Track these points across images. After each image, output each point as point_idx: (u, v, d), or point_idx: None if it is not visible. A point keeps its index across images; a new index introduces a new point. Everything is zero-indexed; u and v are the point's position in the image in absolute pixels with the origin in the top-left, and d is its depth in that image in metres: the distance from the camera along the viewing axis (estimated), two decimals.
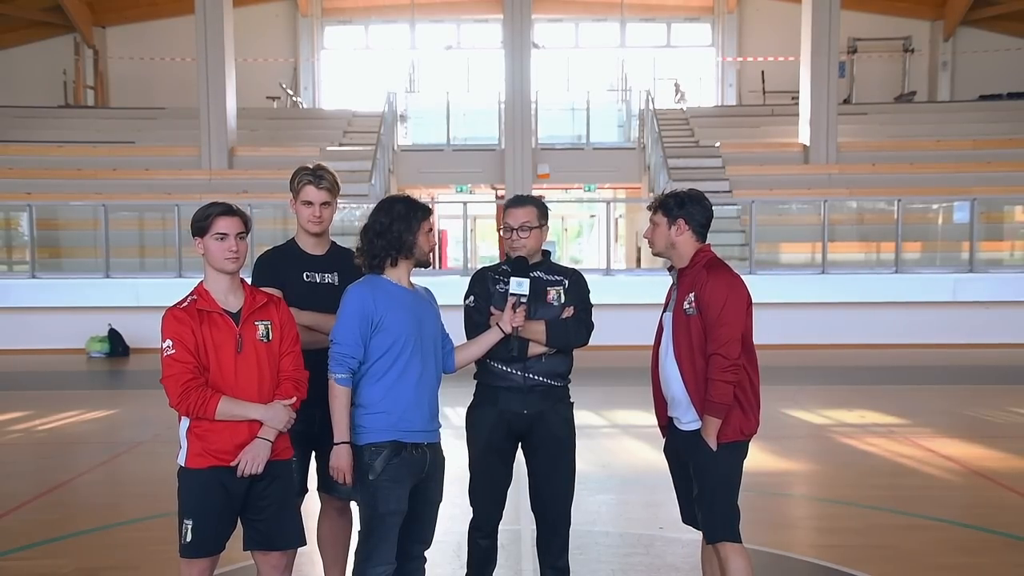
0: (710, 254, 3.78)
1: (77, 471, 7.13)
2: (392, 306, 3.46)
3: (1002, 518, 5.71)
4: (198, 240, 3.39)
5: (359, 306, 3.44)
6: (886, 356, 13.64)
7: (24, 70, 23.16)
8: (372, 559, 3.44)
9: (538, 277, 3.90)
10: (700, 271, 3.72)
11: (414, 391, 3.48)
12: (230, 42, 18.16)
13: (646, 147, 19.21)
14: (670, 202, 3.78)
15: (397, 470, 3.43)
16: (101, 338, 14.25)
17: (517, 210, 3.91)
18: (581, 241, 28.33)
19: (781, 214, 16.90)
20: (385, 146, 18.56)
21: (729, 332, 3.61)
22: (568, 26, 25.62)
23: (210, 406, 3.26)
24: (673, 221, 3.75)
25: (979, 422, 9.10)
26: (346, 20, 25.52)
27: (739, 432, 3.69)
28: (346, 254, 4.08)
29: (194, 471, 3.33)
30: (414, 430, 3.48)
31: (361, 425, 3.47)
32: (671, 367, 3.73)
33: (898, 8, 23.83)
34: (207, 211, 3.38)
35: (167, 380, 3.28)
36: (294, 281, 3.82)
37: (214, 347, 3.31)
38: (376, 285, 3.50)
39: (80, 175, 17.70)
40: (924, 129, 19.49)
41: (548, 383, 3.86)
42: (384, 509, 3.41)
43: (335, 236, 4.22)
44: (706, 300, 3.63)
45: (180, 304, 3.37)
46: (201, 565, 3.38)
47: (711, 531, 3.69)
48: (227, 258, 3.34)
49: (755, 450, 3.95)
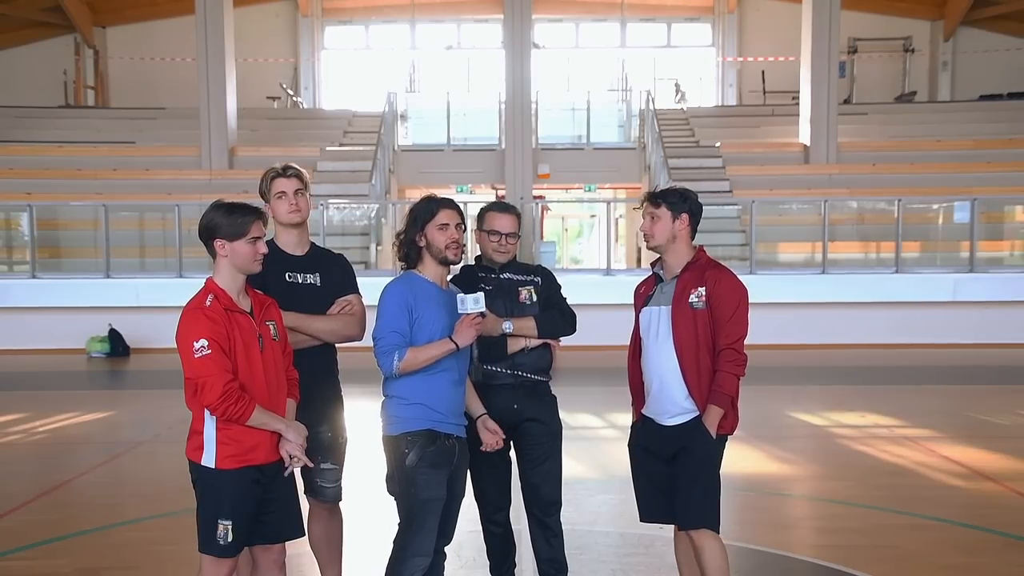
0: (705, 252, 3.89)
1: (77, 471, 7.12)
2: (427, 302, 3.57)
3: (1002, 518, 5.70)
4: (222, 242, 3.38)
5: (399, 298, 3.55)
6: (886, 356, 13.64)
7: (24, 70, 23.16)
8: (410, 548, 3.50)
9: (509, 278, 4.05)
10: (708, 267, 3.79)
11: (448, 385, 3.59)
12: (230, 42, 18.15)
13: (646, 147, 19.20)
14: (674, 196, 3.83)
15: (434, 457, 3.53)
16: (101, 338, 14.25)
17: (505, 217, 4.02)
18: (581, 241, 28.32)
19: (781, 214, 16.90)
20: (385, 146, 18.55)
21: (742, 329, 3.74)
22: (568, 26, 25.62)
23: (247, 412, 3.29)
24: (677, 215, 3.80)
25: (979, 422, 9.10)
26: (346, 20, 25.51)
27: (731, 426, 3.81)
28: (327, 255, 4.10)
29: (227, 472, 3.33)
30: (447, 421, 3.58)
31: (396, 415, 3.57)
32: (668, 360, 3.74)
33: (898, 8, 23.83)
34: (241, 216, 3.38)
35: (207, 380, 3.25)
36: (275, 281, 3.78)
37: (244, 347, 3.34)
38: (412, 281, 3.62)
39: (80, 175, 17.71)
40: (924, 129, 19.49)
41: (535, 379, 4.03)
42: (426, 495, 3.49)
43: (335, 236, 4.23)
44: (721, 295, 3.72)
45: (201, 302, 3.35)
46: (231, 564, 3.41)
47: (697, 517, 3.72)
48: (257, 260, 3.41)
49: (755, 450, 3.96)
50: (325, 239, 13.25)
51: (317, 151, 18.55)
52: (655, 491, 3.86)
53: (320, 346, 3.89)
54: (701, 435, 3.69)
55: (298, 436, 3.42)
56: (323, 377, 3.95)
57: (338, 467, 3.99)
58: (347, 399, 4.09)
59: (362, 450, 4.55)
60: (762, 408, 9.74)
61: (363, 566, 4.57)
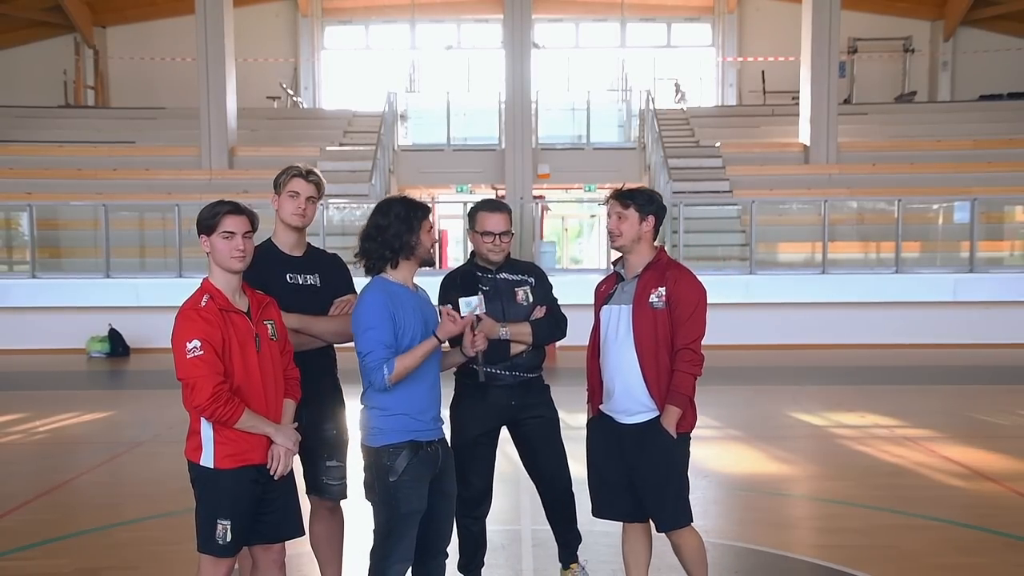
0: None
1: (77, 471, 7.13)
2: (403, 308, 3.50)
3: (1002, 518, 5.70)
4: (204, 238, 3.39)
5: (382, 310, 3.45)
6: (886, 356, 13.64)
7: (24, 70, 23.16)
8: (391, 557, 3.50)
9: (504, 278, 4.11)
10: (668, 267, 3.85)
11: (427, 391, 3.56)
12: (230, 42, 18.15)
13: (646, 147, 19.20)
14: (642, 197, 3.88)
15: (417, 469, 3.50)
16: (101, 338, 14.25)
17: (496, 216, 4.08)
18: (581, 241, 28.30)
19: (781, 214, 16.89)
20: (385, 146, 18.56)
21: (700, 329, 3.77)
22: (568, 26, 25.61)
23: (236, 415, 3.28)
24: (644, 216, 3.85)
25: (979, 422, 9.10)
26: (346, 20, 25.51)
27: (690, 424, 3.84)
28: (324, 256, 4.10)
29: (225, 472, 3.32)
30: (428, 428, 3.55)
31: (377, 427, 3.51)
32: (628, 359, 3.77)
33: (898, 8, 23.82)
34: (215, 209, 3.38)
35: (197, 381, 3.25)
36: (277, 283, 3.78)
37: (239, 347, 3.33)
38: (386, 288, 3.53)
39: (80, 175, 17.71)
40: (924, 129, 19.49)
41: (530, 377, 4.16)
42: (407, 509, 3.47)
43: (335, 235, 4.25)
44: (681, 295, 3.75)
45: (196, 303, 3.35)
46: (230, 563, 3.41)
47: (673, 519, 3.80)
48: (234, 257, 3.36)
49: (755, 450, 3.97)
50: (325, 239, 13.24)
51: (317, 151, 18.55)
52: (610, 489, 3.91)
53: (319, 349, 3.88)
54: (661, 435, 3.74)
55: (287, 440, 3.39)
56: (324, 376, 3.96)
57: (343, 464, 3.99)
58: (346, 399, 4.09)
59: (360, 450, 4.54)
60: (762, 408, 9.75)
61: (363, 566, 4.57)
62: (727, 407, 9.48)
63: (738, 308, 14.12)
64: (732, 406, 9.65)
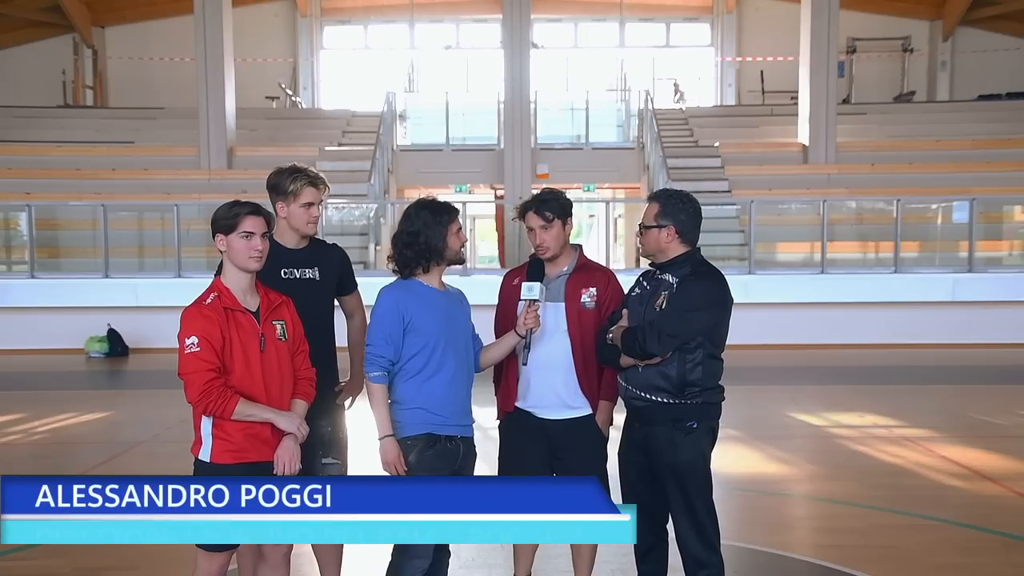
0: None
1: (77, 471, 7.11)
2: (423, 307, 3.59)
3: (1001, 518, 5.71)
4: (221, 237, 3.41)
5: (390, 308, 3.58)
6: (885, 356, 13.63)
7: (23, 70, 23.14)
8: (409, 551, 3.52)
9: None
10: (595, 268, 4.02)
11: (447, 388, 3.61)
12: (229, 42, 18.14)
13: (645, 147, 19.20)
14: (556, 205, 3.92)
15: (432, 461, 3.55)
16: (100, 338, 14.23)
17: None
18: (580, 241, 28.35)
19: (780, 214, 16.89)
20: (384, 146, 18.54)
21: None
22: (567, 26, 25.62)
23: (229, 407, 3.29)
24: (564, 222, 3.94)
25: (978, 422, 9.10)
26: (345, 20, 25.51)
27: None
28: (326, 248, 4.09)
29: (223, 467, 3.34)
30: (448, 423, 3.60)
31: (396, 420, 3.61)
32: (558, 356, 3.88)
33: (897, 8, 23.83)
34: (234, 209, 3.41)
35: (189, 376, 3.28)
36: (271, 278, 3.75)
37: (241, 346, 3.35)
38: (406, 288, 3.63)
39: (79, 175, 17.69)
40: (923, 129, 19.48)
41: None
42: None
43: (334, 236, 4.25)
44: (612, 297, 3.93)
45: (201, 300, 3.37)
46: (225, 558, 3.42)
47: None
48: (252, 257, 3.39)
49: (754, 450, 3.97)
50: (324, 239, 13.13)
51: (316, 151, 18.53)
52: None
53: (318, 343, 3.87)
54: (592, 432, 3.89)
55: (290, 424, 3.39)
56: (321, 373, 3.94)
57: (340, 463, 3.98)
58: None
59: (362, 450, 4.54)
60: (761, 408, 9.74)
61: (363, 566, 4.58)
62: (726, 407, 9.44)
63: (737, 308, 13.84)
64: (731, 406, 9.54)
